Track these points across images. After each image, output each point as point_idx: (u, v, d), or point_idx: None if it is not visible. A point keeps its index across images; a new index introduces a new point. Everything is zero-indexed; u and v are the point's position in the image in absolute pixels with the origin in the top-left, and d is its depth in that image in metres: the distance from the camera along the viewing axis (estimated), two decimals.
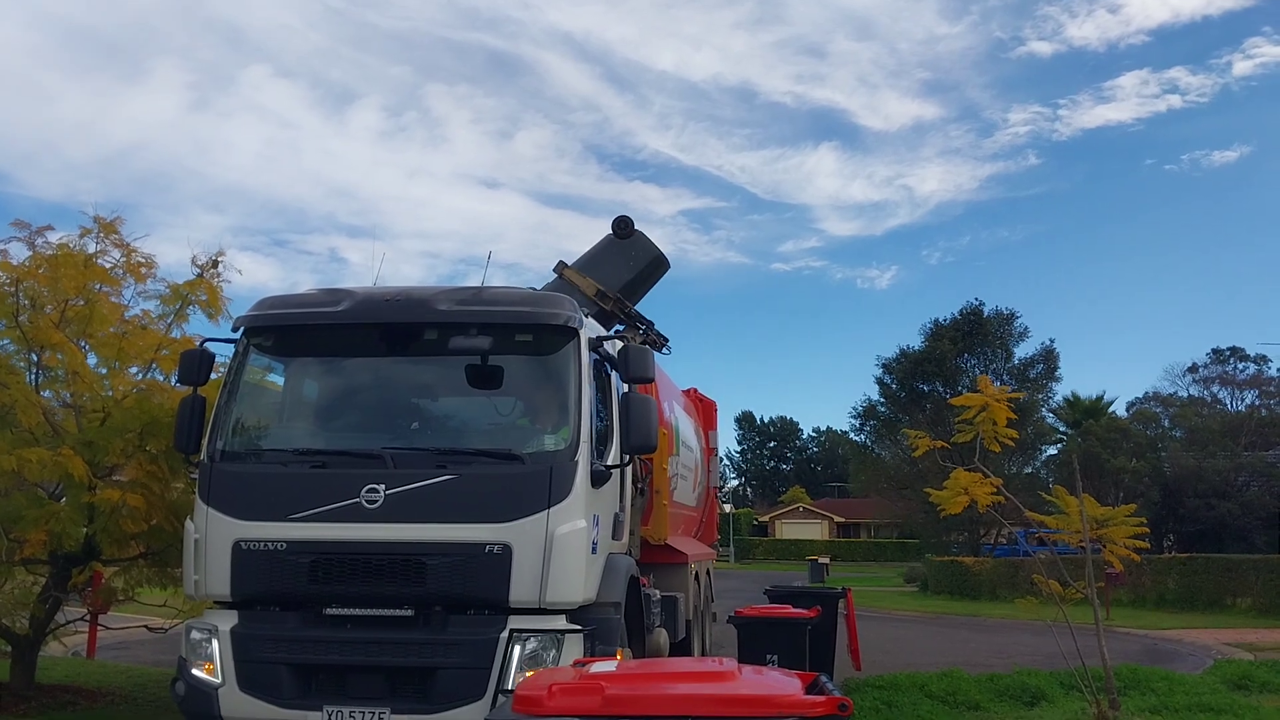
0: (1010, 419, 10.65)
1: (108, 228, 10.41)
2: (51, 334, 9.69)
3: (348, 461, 7.40)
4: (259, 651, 7.04)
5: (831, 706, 4.01)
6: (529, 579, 6.86)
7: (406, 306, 7.69)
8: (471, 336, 7.55)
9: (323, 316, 7.80)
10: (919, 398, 50.52)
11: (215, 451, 7.59)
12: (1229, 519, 43.54)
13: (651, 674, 4.70)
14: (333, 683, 7.00)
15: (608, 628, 7.19)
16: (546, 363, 7.67)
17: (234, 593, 7.22)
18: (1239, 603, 27.16)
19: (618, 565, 7.86)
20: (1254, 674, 13.67)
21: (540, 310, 7.72)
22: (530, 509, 6.94)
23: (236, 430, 7.80)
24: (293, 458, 7.54)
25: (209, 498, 7.40)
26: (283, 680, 6.96)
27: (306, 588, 7.07)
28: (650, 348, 8.66)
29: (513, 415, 7.86)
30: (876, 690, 11.87)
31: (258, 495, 7.28)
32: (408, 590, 6.96)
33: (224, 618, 7.23)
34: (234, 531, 7.20)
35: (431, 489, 7.02)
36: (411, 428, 7.96)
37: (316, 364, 8.30)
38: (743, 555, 74.55)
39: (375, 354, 7.97)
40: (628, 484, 8.65)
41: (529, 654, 6.74)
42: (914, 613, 30.31)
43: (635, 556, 8.98)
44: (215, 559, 7.24)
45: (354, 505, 7.01)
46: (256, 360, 8.08)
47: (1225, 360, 60.75)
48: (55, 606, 10.35)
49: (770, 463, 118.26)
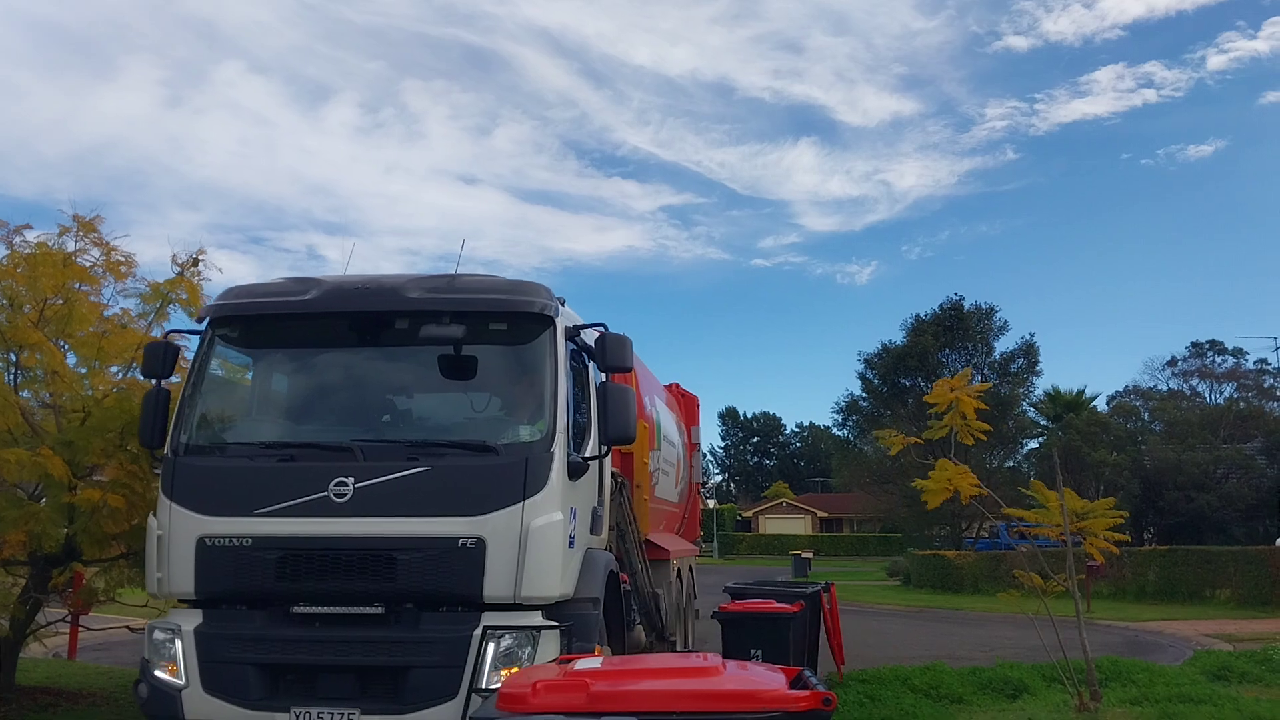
0: (980, 409, 10.71)
1: (86, 226, 10.33)
2: (30, 333, 9.60)
3: (316, 454, 7.19)
4: (224, 651, 6.83)
5: (815, 701, 4.04)
6: (504, 574, 6.69)
7: (376, 295, 7.49)
8: (444, 325, 7.25)
9: (289, 306, 7.57)
10: (901, 392, 50.77)
11: (179, 445, 7.38)
12: (1208, 511, 43.83)
13: (636, 670, 4.72)
14: (301, 683, 6.79)
15: (585, 624, 7.02)
16: (521, 352, 7.46)
17: (198, 591, 7.02)
18: (1218, 594, 27.36)
19: (596, 560, 7.71)
20: (1233, 664, 13.79)
21: (515, 298, 7.47)
22: (505, 502, 6.77)
23: (201, 423, 7.58)
24: (259, 451, 7.32)
25: (172, 493, 7.19)
26: (249, 681, 6.76)
27: (273, 585, 6.86)
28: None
29: (487, 406, 7.64)
30: (860, 684, 11.92)
31: (223, 490, 7.08)
32: (378, 587, 6.77)
33: (188, 617, 7.03)
34: (198, 527, 7.00)
35: (402, 482, 6.82)
36: (382, 420, 7.76)
37: (284, 355, 8.05)
38: (726, 551, 74.73)
39: (344, 344, 7.74)
40: (607, 477, 8.50)
41: (503, 651, 6.56)
42: (897, 606, 30.40)
43: (616, 551, 8.89)
44: (179, 556, 7.03)
45: (322, 499, 6.82)
46: (222, 351, 7.90)
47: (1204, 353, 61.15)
48: (35, 608, 10.26)
49: (754, 458, 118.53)
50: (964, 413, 10.52)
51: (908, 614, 28.38)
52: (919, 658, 14.80)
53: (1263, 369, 58.82)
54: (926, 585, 36.92)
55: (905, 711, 10.48)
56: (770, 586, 13.34)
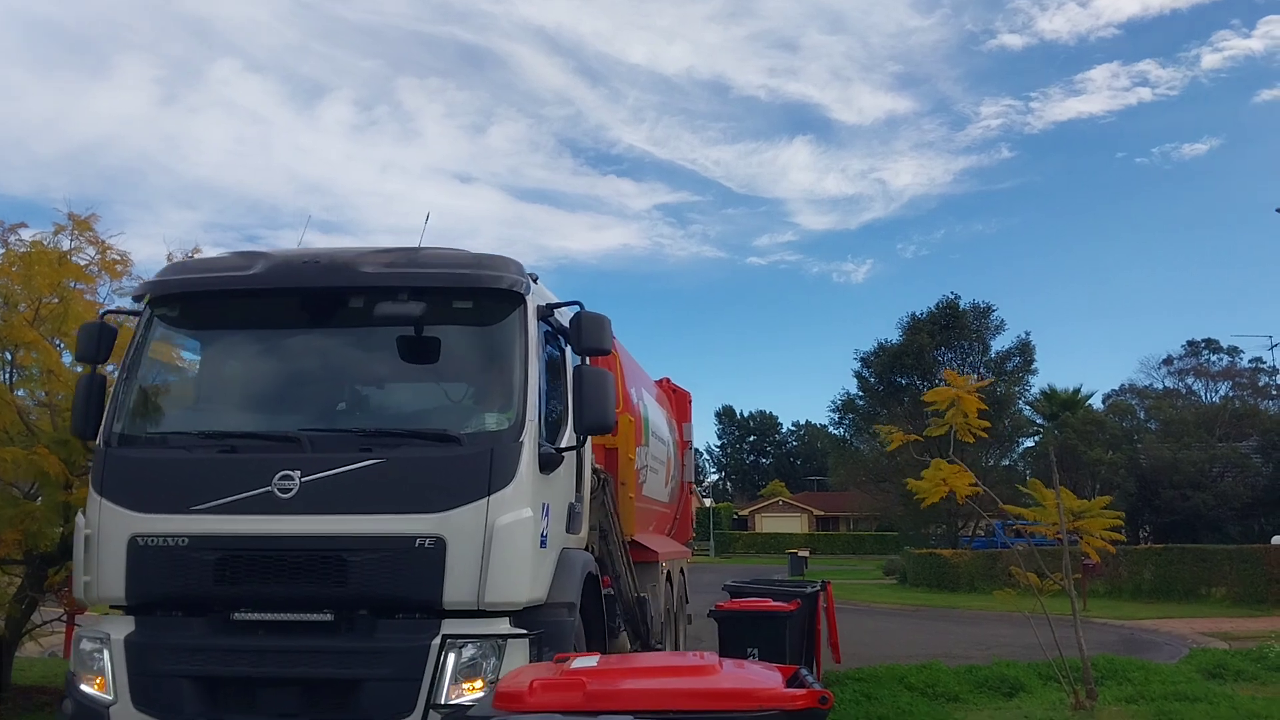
0: (981, 409, 10.73)
1: (82, 225, 10.34)
2: (25, 332, 9.60)
3: (259, 445, 6.54)
4: (157, 663, 6.21)
5: (812, 699, 4.04)
6: (466, 577, 6.09)
7: (328, 269, 6.80)
8: (402, 302, 6.53)
9: (233, 281, 6.90)
10: (897, 391, 50.91)
11: (111, 435, 6.74)
12: (1204, 510, 43.95)
13: (632, 668, 4.72)
14: (241, 697, 6.20)
15: (558, 631, 6.43)
16: (488, 332, 6.82)
17: (130, 596, 6.41)
18: (1214, 592, 27.42)
19: (572, 561, 7.09)
20: (1229, 662, 13.80)
21: (481, 273, 6.77)
22: (467, 497, 6.17)
23: (136, 411, 6.93)
24: (197, 441, 6.68)
25: (102, 488, 6.55)
26: (184, 695, 6.15)
27: (212, 589, 6.26)
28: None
29: (450, 392, 7.03)
30: (856, 682, 11.93)
31: (157, 484, 6.45)
32: (327, 591, 6.16)
33: (118, 625, 6.40)
34: (130, 526, 6.38)
35: (354, 475, 6.22)
36: (335, 407, 7.10)
37: (227, 336, 7.38)
38: (723, 549, 74.87)
39: (293, 324, 7.05)
40: (587, 470, 7.89)
41: (465, 663, 5.98)
42: (893, 605, 30.43)
43: (597, 553, 8.29)
44: (109, 557, 6.41)
45: (265, 494, 6.22)
46: (161, 332, 7.20)
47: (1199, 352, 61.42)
48: (31, 607, 10.27)
49: (750, 457, 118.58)
50: (965, 410, 10.54)
51: (904, 612, 28.40)
52: (915, 656, 14.82)
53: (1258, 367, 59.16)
54: (923, 584, 36.97)
55: (902, 710, 10.48)
56: (768, 585, 13.34)
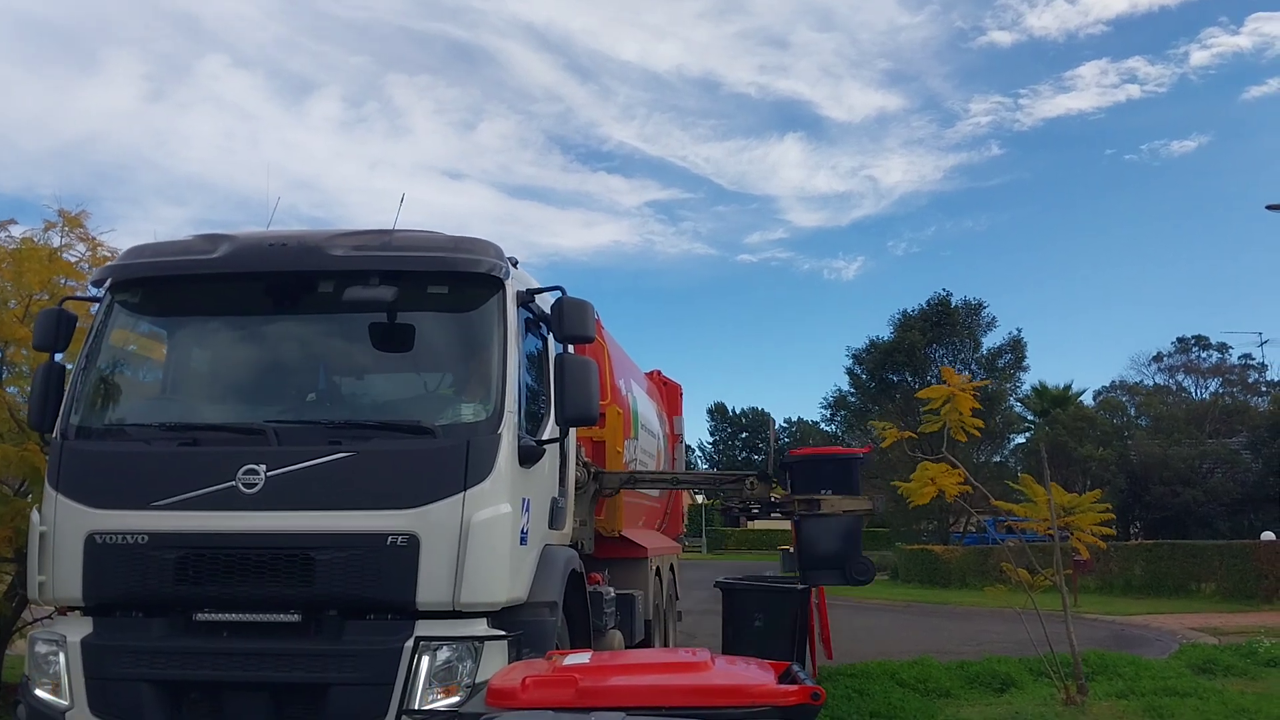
0: (976, 409, 10.76)
1: (72, 221, 10.32)
2: (16, 329, 9.58)
3: (223, 438, 6.27)
4: (115, 666, 5.94)
5: (804, 695, 4.05)
6: (441, 576, 5.84)
7: (297, 253, 6.51)
8: (374, 287, 6.25)
9: (197, 265, 6.60)
10: (889, 388, 50.88)
11: (68, 428, 6.46)
12: (1194, 506, 44.04)
13: (624, 665, 4.73)
14: (204, 702, 5.98)
15: (539, 631, 6.19)
16: (465, 319, 6.55)
17: (86, 596, 6.13)
18: (1204, 588, 27.53)
19: (554, 559, 6.84)
20: (1218, 658, 13.86)
21: (458, 256, 6.48)
22: (442, 492, 5.92)
23: (94, 402, 6.66)
24: (158, 434, 6.38)
25: (58, 482, 6.30)
26: (144, 700, 5.88)
27: (173, 589, 6.00)
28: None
29: (424, 381, 6.82)
30: (848, 679, 11.93)
31: (115, 479, 6.20)
32: (294, 591, 5.91)
33: (75, 626, 6.14)
34: (87, 522, 6.11)
35: (322, 469, 5.97)
36: (304, 398, 6.85)
37: (191, 322, 7.11)
38: (715, 546, 74.91)
39: (260, 309, 6.77)
40: (570, 463, 7.66)
41: (440, 666, 5.71)
42: (884, 601, 30.48)
43: (587, 550, 8.03)
44: (65, 555, 6.14)
45: (229, 490, 5.96)
46: (121, 319, 6.90)
47: (1189, 349, 61.45)
48: (21, 604, 10.22)
49: (742, 453, 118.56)
50: (960, 408, 10.57)
51: (895, 609, 28.48)
52: (907, 652, 14.84)
53: (1247, 364, 59.19)
54: (914, 580, 37.12)
55: (893, 705, 10.50)
56: (760, 582, 13.33)
